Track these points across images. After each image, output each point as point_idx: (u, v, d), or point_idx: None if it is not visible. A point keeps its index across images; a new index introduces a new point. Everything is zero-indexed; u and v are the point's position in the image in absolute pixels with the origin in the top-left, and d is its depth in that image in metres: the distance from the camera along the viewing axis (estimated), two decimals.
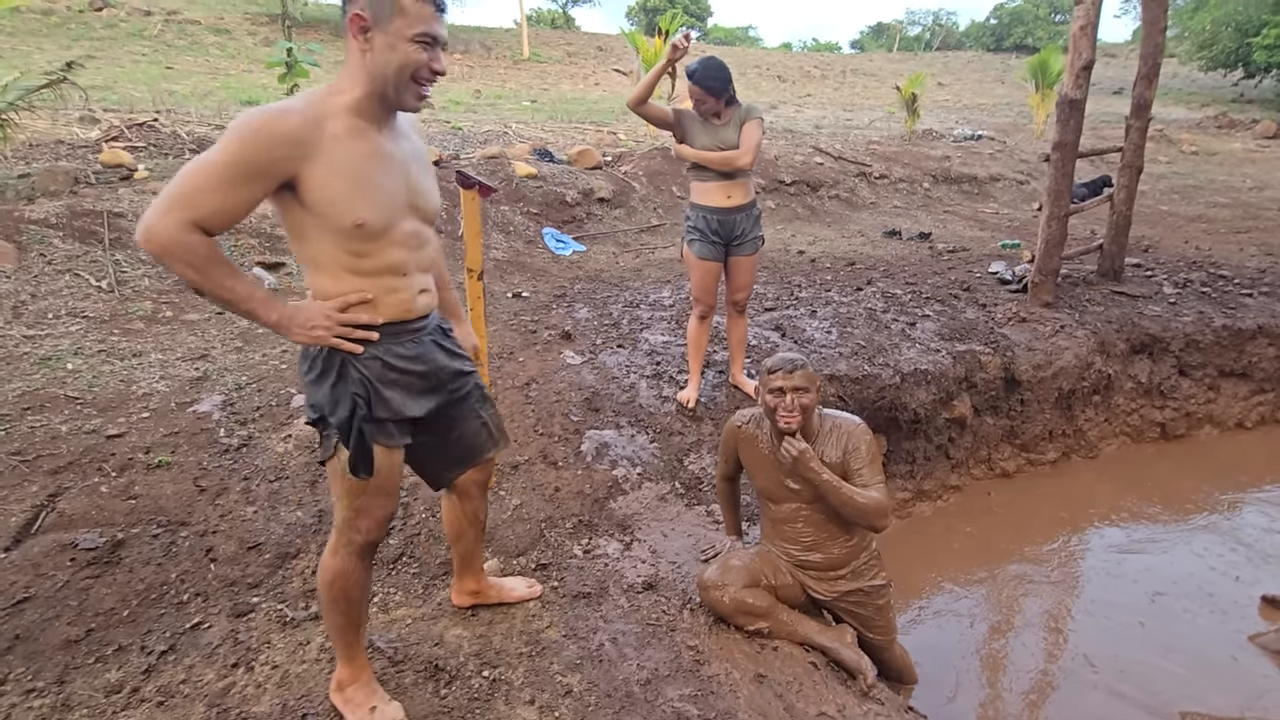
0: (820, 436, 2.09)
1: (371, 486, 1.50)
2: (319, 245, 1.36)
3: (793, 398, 1.99)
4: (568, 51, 27.34)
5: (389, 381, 1.46)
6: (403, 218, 1.42)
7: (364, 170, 1.33)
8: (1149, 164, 11.33)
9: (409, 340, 1.51)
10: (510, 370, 3.39)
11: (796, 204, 7.96)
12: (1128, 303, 4.69)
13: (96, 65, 12.88)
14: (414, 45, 1.30)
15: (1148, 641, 2.76)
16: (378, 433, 1.46)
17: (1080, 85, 4.09)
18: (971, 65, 32.36)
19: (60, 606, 1.96)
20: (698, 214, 3.01)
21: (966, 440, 3.95)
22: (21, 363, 2.99)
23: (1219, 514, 3.69)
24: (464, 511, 1.86)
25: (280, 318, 1.35)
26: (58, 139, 5.88)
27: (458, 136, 8.72)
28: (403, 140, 1.44)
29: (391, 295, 1.45)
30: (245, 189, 1.25)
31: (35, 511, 2.21)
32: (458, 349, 1.67)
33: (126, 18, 18.50)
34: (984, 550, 3.40)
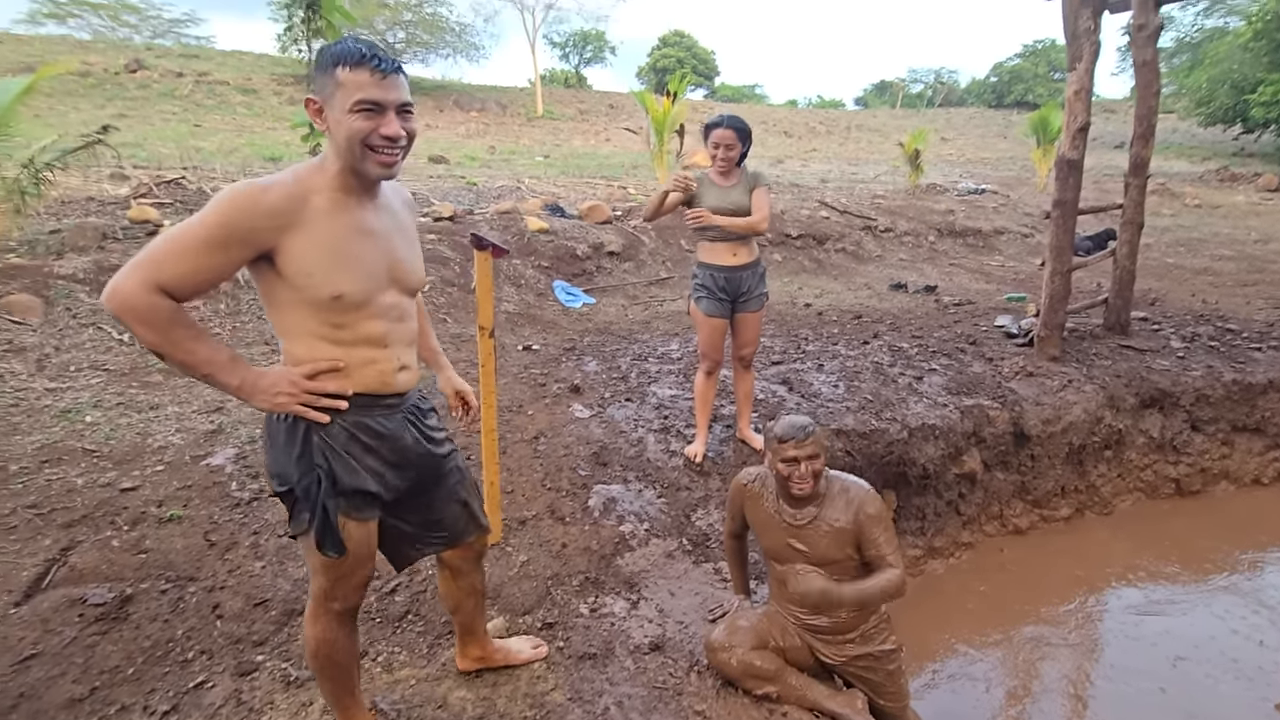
0: (828, 499, 2.08)
1: (349, 558, 1.47)
2: (295, 315, 1.37)
3: (806, 465, 1.99)
4: (580, 109, 28.32)
5: (354, 453, 1.44)
6: (382, 290, 1.43)
7: (343, 243, 1.35)
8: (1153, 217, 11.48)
9: (381, 415, 1.48)
10: (519, 423, 3.42)
11: (803, 257, 8.08)
12: (1135, 357, 4.70)
13: (129, 124, 13.48)
14: (355, 115, 1.29)
15: (1169, 709, 2.67)
16: (347, 506, 1.44)
17: (1077, 146, 4.21)
18: (974, 121, 33.18)
19: (66, 664, 1.96)
20: (705, 272, 3.08)
21: (977, 496, 3.91)
22: (42, 415, 3.06)
23: (1240, 574, 3.60)
24: (459, 586, 1.84)
25: (243, 383, 1.34)
26: (89, 195, 6.13)
27: (472, 192, 8.99)
28: (385, 214, 1.46)
29: (369, 367, 1.44)
30: (219, 256, 1.26)
31: (47, 565, 2.23)
32: (435, 431, 1.63)
33: (159, 79, 19.41)
34: (998, 611, 3.33)
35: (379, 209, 1.44)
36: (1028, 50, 38.37)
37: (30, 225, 4.97)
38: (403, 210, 1.54)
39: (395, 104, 1.33)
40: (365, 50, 1.30)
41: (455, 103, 26.13)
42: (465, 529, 1.74)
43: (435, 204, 7.07)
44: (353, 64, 1.29)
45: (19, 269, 4.22)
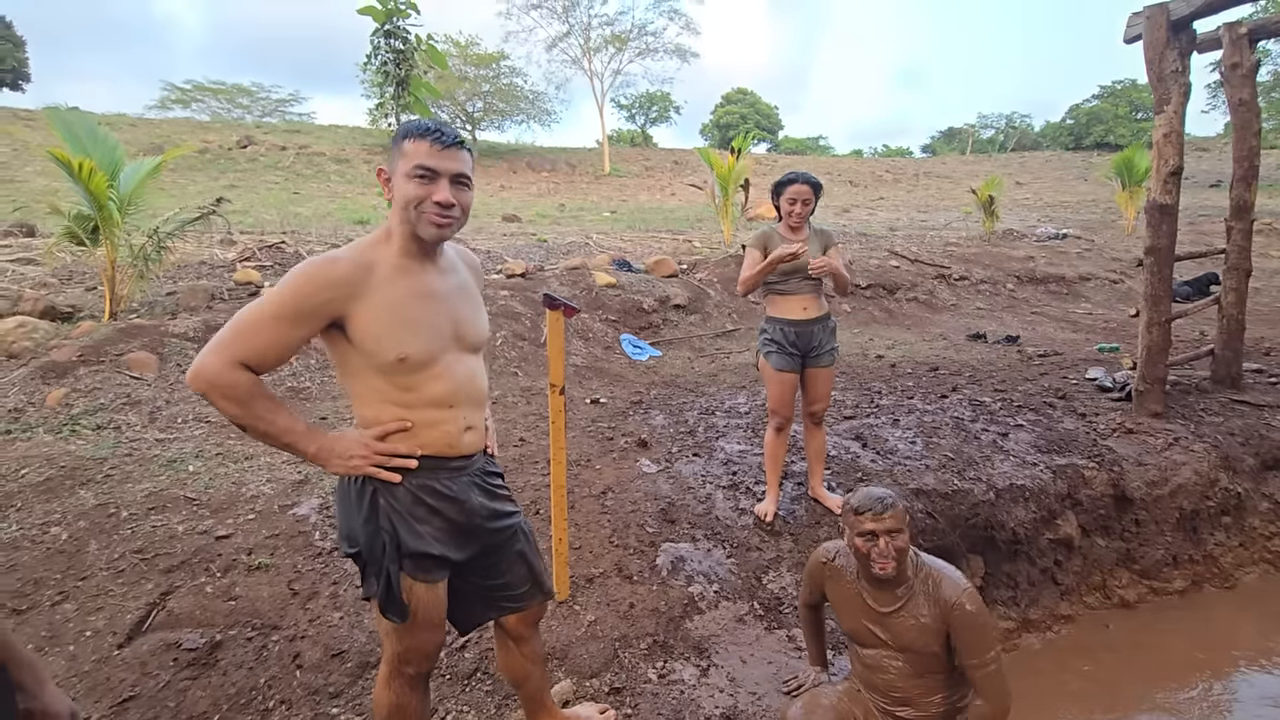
0: (915, 586, 1.89)
1: (417, 622, 1.48)
2: (364, 379, 1.43)
3: (886, 542, 1.83)
4: (645, 166, 29.24)
5: (419, 516, 1.46)
6: (446, 350, 1.48)
7: (407, 307, 1.41)
8: (1264, 260, 10.68)
9: (447, 478, 1.51)
10: (587, 478, 3.43)
11: (873, 307, 7.92)
12: (1251, 412, 4.30)
13: (238, 194, 14.84)
14: (411, 181, 1.39)
15: None
16: (415, 568, 1.46)
17: (1169, 191, 3.99)
18: (1050, 164, 32.14)
19: (160, 707, 2.05)
20: (774, 326, 3.05)
21: (1075, 564, 3.61)
22: (151, 464, 3.30)
23: None
24: (522, 654, 1.81)
25: (319, 450, 1.40)
26: (200, 260, 6.73)
27: (542, 248, 9.34)
28: (450, 275, 1.52)
29: (434, 429, 1.47)
30: (293, 329, 1.34)
31: (148, 609, 2.37)
32: (501, 490, 1.66)
33: (266, 153, 21.37)
34: (1107, 694, 3.01)
35: (442, 271, 1.51)
36: (1106, 91, 37.17)
37: (150, 288, 5.48)
38: (465, 271, 1.61)
39: (450, 173, 1.42)
40: (430, 125, 1.42)
41: (528, 164, 27.51)
42: (530, 592, 1.73)
43: (508, 261, 7.37)
44: (416, 136, 1.41)
45: (139, 328, 4.64)
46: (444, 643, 1.62)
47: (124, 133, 20.03)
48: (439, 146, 1.40)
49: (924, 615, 1.85)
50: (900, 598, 1.90)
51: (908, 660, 1.92)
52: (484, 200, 18.06)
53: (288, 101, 32.39)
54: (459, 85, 27.01)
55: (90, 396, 3.94)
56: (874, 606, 1.93)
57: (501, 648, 1.84)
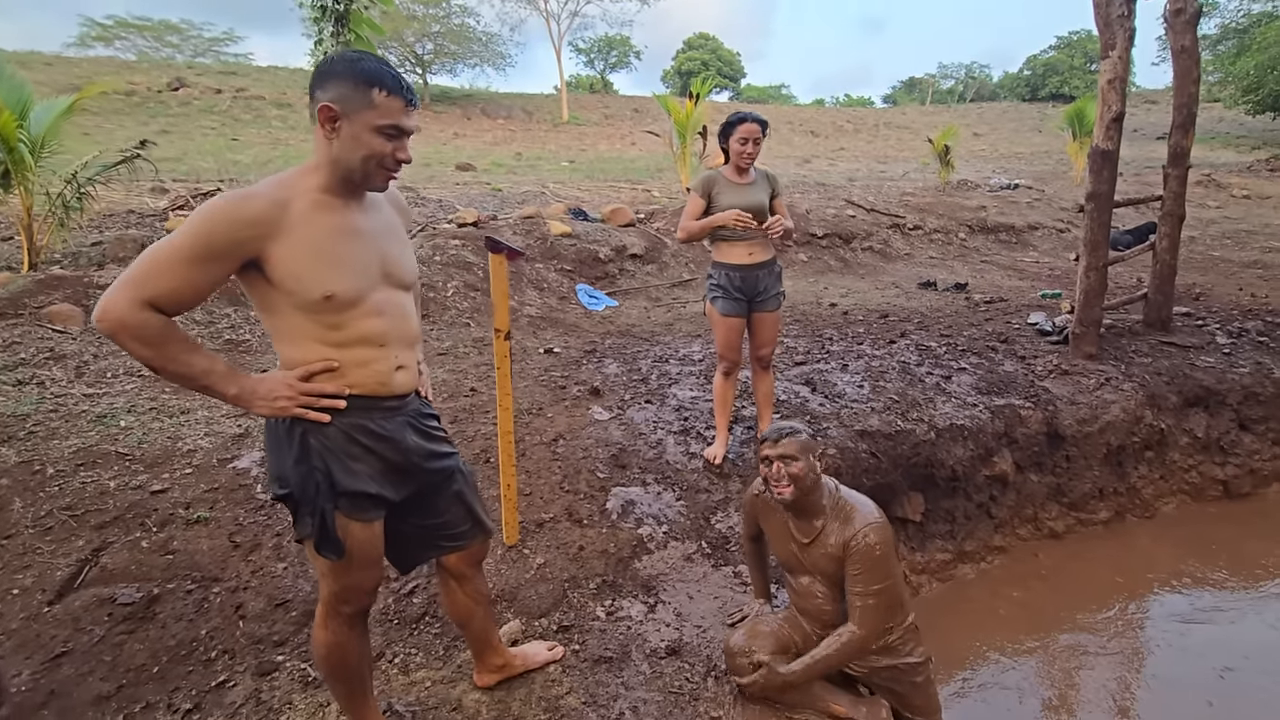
0: (829, 518, 1.97)
1: (354, 561, 1.47)
2: (288, 318, 1.38)
3: (779, 467, 1.92)
4: (605, 114, 28.49)
5: (353, 455, 1.44)
6: (375, 288, 1.44)
7: (330, 244, 1.36)
8: (1199, 209, 11.07)
9: (381, 418, 1.48)
10: (539, 426, 3.43)
11: (829, 256, 7.98)
12: (1178, 353, 4.51)
13: (170, 140, 13.96)
14: (380, 137, 1.35)
15: None
16: (351, 507, 1.44)
17: (1111, 137, 4.06)
18: (1007, 115, 32.43)
19: (95, 661, 2.01)
20: (720, 271, 3.04)
21: (1010, 498, 3.79)
22: (79, 420, 3.16)
23: None
24: (465, 594, 1.82)
25: (241, 391, 1.36)
26: (129, 209, 6.35)
27: (497, 198, 9.09)
28: (374, 212, 1.48)
29: (365, 368, 1.44)
30: (205, 270, 1.28)
31: (79, 566, 2.30)
32: (437, 431, 1.64)
33: (199, 96, 20.08)
34: (1033, 617, 3.21)
35: (366, 209, 1.46)
36: (1062, 42, 37.41)
37: (74, 238, 5.16)
38: (391, 209, 1.56)
39: (412, 132, 1.41)
40: (401, 80, 1.38)
41: (482, 111, 26.52)
42: (470, 531, 1.74)
43: (459, 210, 7.16)
44: (390, 90, 1.36)
45: (61, 280, 4.38)
46: (381, 581, 1.62)
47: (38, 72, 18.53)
48: (411, 107, 1.40)
49: (833, 545, 1.95)
50: (817, 529, 1.99)
51: (831, 588, 2.02)
52: (437, 149, 17.40)
53: (221, 41, 30.33)
54: (407, 25, 25.66)
55: (9, 351, 3.73)
56: (797, 536, 2.03)
57: (444, 587, 1.85)
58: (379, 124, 1.35)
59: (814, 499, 1.98)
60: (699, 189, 2.97)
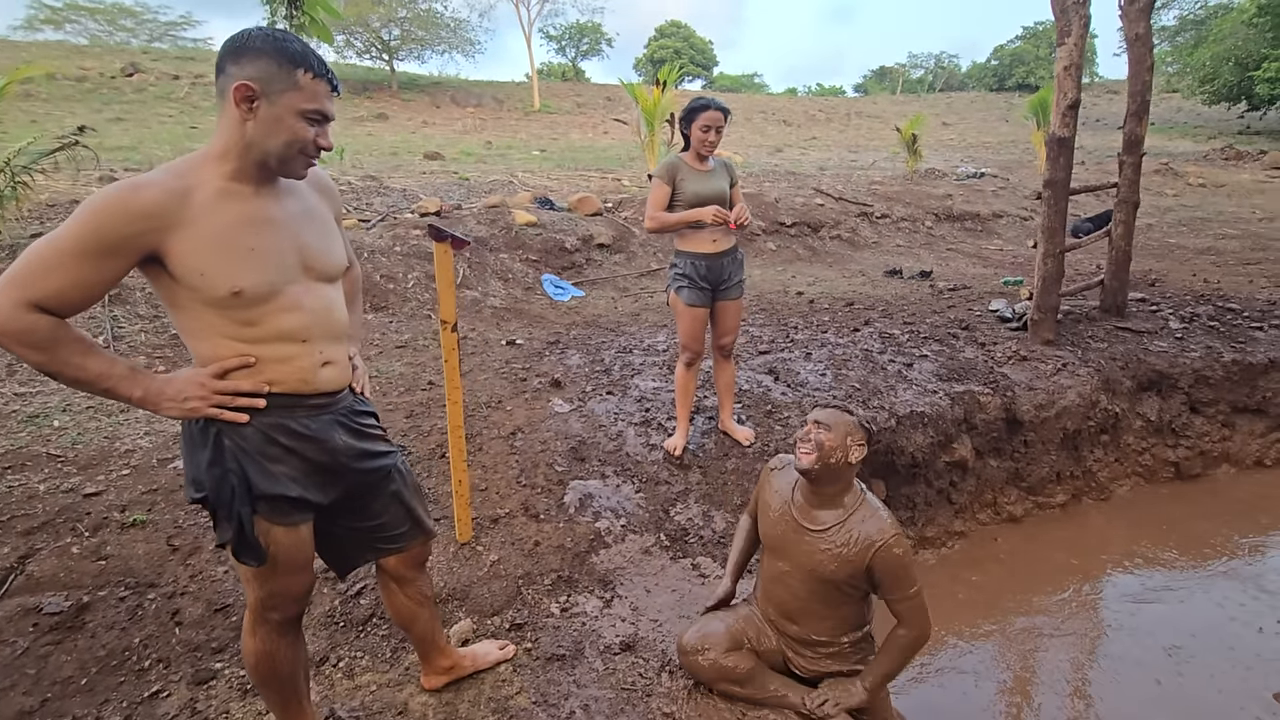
0: (851, 517, 1.90)
1: (279, 567, 1.41)
2: (196, 314, 1.30)
3: (811, 428, 1.86)
4: (577, 102, 28.18)
5: (272, 456, 1.36)
6: (292, 280, 1.36)
7: (237, 235, 1.28)
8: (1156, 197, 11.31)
9: (305, 416, 1.41)
10: (497, 419, 3.36)
11: (797, 245, 7.98)
12: (1132, 339, 4.59)
13: (125, 127, 13.47)
14: (304, 121, 1.29)
15: (1165, 701, 2.60)
16: (270, 511, 1.37)
17: (1068, 124, 4.10)
18: (975, 105, 32.83)
19: (18, 675, 1.92)
20: (685, 261, 3.00)
21: (969, 484, 3.82)
22: (9, 421, 3.02)
23: (1239, 559, 3.51)
24: (406, 596, 1.76)
25: (146, 393, 1.27)
26: (73, 199, 6.09)
27: (464, 187, 8.92)
28: (290, 199, 1.39)
29: (286, 364, 1.36)
30: (96, 268, 1.18)
31: (3, 575, 2.19)
32: (372, 429, 1.57)
33: (155, 82, 19.41)
34: (991, 601, 3.25)
35: (280, 195, 1.37)
36: (1028, 32, 37.94)
37: (10, 230, 4.93)
38: (313, 194, 1.47)
39: (332, 118, 1.35)
40: (323, 62, 1.32)
41: (452, 99, 26.07)
42: (410, 533, 1.67)
43: (423, 199, 7.01)
44: (316, 72, 1.29)
45: None
46: (312, 586, 1.55)
47: None
48: (334, 92, 1.34)
49: (845, 546, 1.86)
50: (828, 522, 1.90)
51: (810, 581, 1.95)
52: (405, 137, 17.05)
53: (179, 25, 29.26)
54: (372, 10, 25.05)
55: None
56: (800, 520, 1.93)
57: (385, 590, 1.78)
58: (304, 108, 1.28)
59: (833, 487, 1.89)
60: (663, 176, 2.92)
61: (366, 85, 25.57)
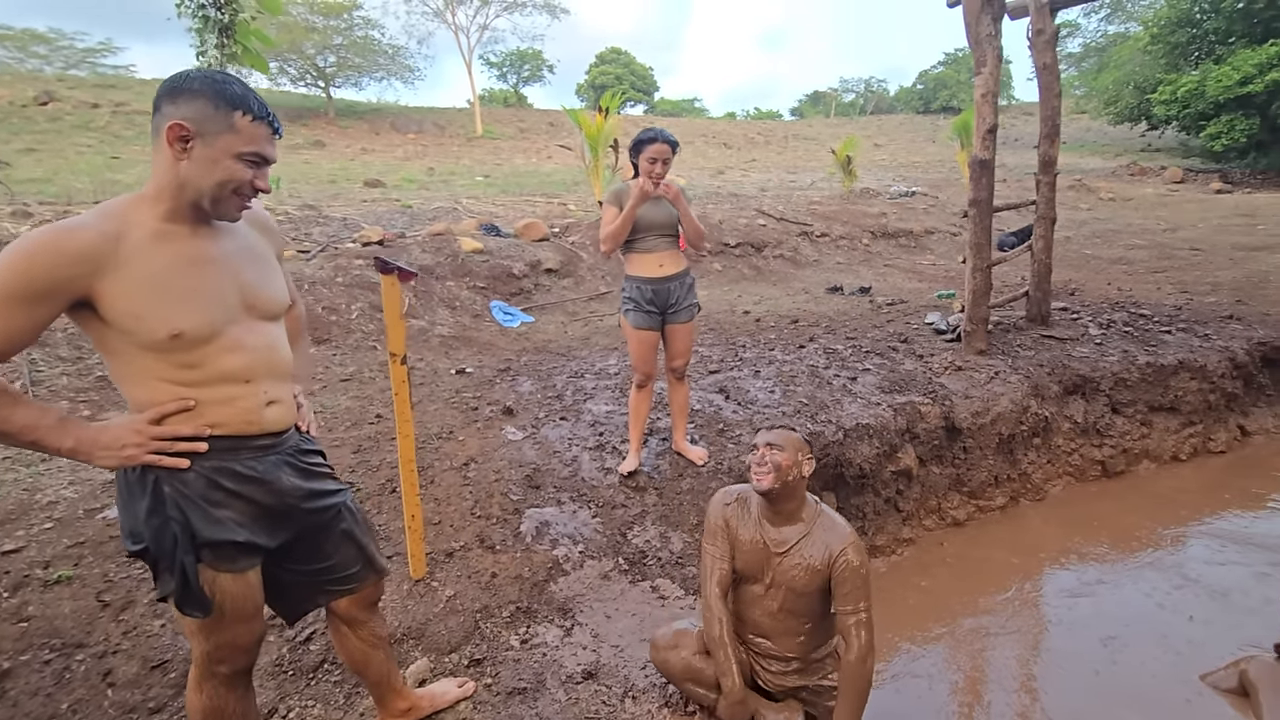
0: (812, 530, 1.96)
1: (226, 616, 1.36)
2: (131, 359, 1.27)
3: (764, 452, 1.92)
4: (520, 128, 28.27)
5: (217, 501, 1.33)
6: (234, 320, 1.34)
7: (174, 277, 1.26)
8: (1072, 211, 12.06)
9: (250, 458, 1.38)
10: (449, 450, 3.31)
11: (742, 265, 8.18)
12: (1057, 345, 4.87)
13: (38, 158, 12.79)
14: (239, 163, 1.27)
15: (1103, 691, 2.73)
16: (215, 558, 1.33)
17: (987, 147, 4.36)
18: (904, 127, 34.45)
19: None
20: (632, 285, 3.05)
21: (915, 491, 3.96)
22: None
23: (1163, 550, 3.73)
24: (359, 638, 1.71)
25: (78, 443, 1.22)
26: None
27: (407, 214, 8.81)
28: (228, 238, 1.37)
29: (229, 405, 1.34)
30: (23, 314, 1.15)
31: None
32: (319, 468, 1.55)
33: (72, 110, 18.53)
34: (939, 605, 3.36)
35: (219, 234, 1.36)
36: (950, 58, 40.15)
37: None
38: (252, 231, 1.45)
39: (273, 161, 1.35)
40: (267, 106, 1.31)
41: (392, 125, 25.78)
42: (361, 573, 1.63)
43: (364, 228, 6.89)
44: (255, 115, 1.28)
45: None
46: (262, 635, 1.50)
47: None
48: (276, 135, 1.33)
49: (810, 557, 1.93)
50: (793, 538, 1.96)
51: (786, 598, 2.00)
52: (344, 165, 16.74)
53: (97, 52, 28.05)
54: (306, 37, 24.64)
55: None
56: (771, 547, 1.99)
57: (336, 634, 1.73)
58: (241, 150, 1.27)
59: (792, 504, 1.96)
60: (612, 200, 2.97)
61: (302, 113, 25.05)
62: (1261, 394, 5.10)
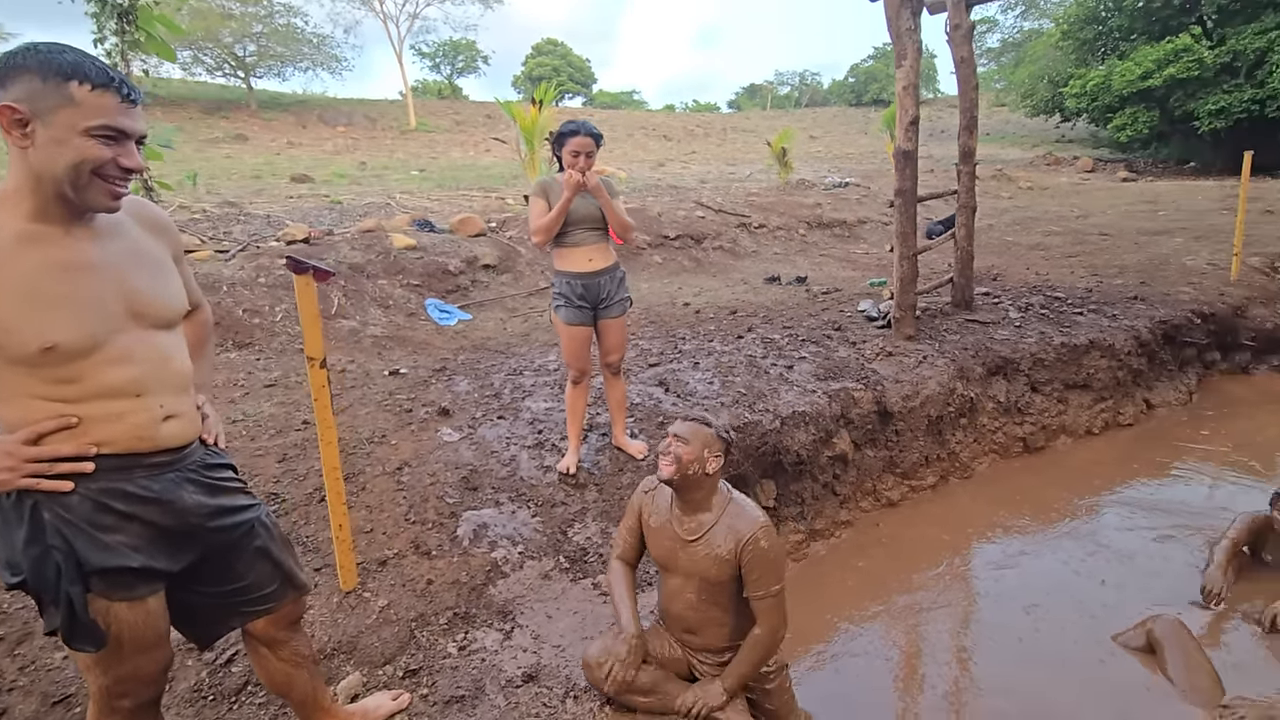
0: (720, 518, 1.98)
1: (124, 648, 1.27)
2: (3, 377, 1.17)
3: (671, 441, 1.94)
4: (455, 120, 27.60)
5: (106, 526, 1.24)
6: (119, 330, 1.24)
7: (46, 284, 1.15)
8: (994, 199, 12.61)
9: (144, 477, 1.28)
10: (381, 455, 3.20)
11: (682, 257, 8.21)
12: (980, 329, 5.09)
13: None
14: (90, 140, 1.15)
15: (1027, 657, 2.87)
16: (108, 586, 1.24)
17: (910, 138, 4.50)
18: (837, 119, 35.30)
19: None
20: (562, 280, 3.01)
21: (851, 475, 4.07)
22: None
23: (1079, 519, 3.96)
24: (280, 659, 1.63)
25: None
26: None
27: (336, 211, 8.47)
28: (110, 239, 1.26)
29: (119, 422, 1.24)
30: None
31: None
32: (228, 483, 1.45)
33: None
34: (876, 584, 3.46)
35: (98, 235, 1.25)
36: (879, 52, 41.31)
37: None
38: (142, 231, 1.34)
39: (137, 134, 1.21)
40: (110, 71, 1.16)
41: (319, 118, 24.77)
42: (280, 591, 1.55)
43: (289, 225, 6.58)
44: (96, 83, 1.14)
45: None
46: (169, 663, 1.41)
47: None
48: (129, 104, 1.17)
49: (719, 546, 1.95)
50: (702, 527, 1.99)
51: (701, 589, 2.02)
52: (268, 159, 15.97)
53: None
54: (222, 24, 23.36)
55: None
56: (681, 534, 2.01)
57: (255, 656, 1.64)
58: (87, 125, 1.14)
59: (698, 494, 1.98)
60: (539, 193, 2.93)
61: (221, 104, 23.76)
62: (1164, 369, 5.47)
